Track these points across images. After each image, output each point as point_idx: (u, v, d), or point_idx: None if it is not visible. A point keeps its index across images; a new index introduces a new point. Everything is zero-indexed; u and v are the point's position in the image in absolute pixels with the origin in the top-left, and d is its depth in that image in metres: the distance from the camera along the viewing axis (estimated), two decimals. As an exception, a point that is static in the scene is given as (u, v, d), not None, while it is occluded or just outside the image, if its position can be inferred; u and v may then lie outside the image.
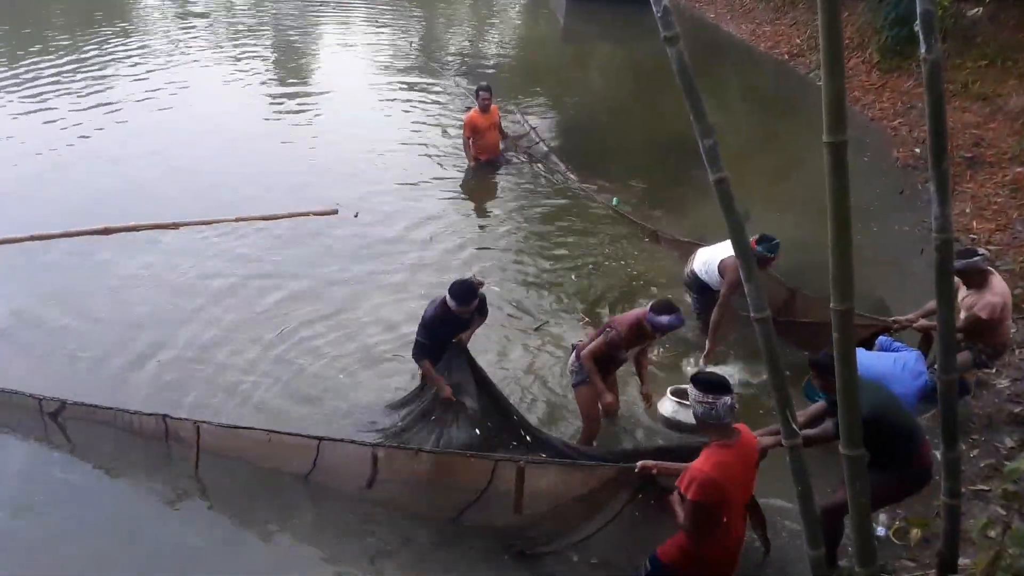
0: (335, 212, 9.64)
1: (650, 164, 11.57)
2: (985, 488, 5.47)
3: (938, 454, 5.68)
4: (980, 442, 5.92)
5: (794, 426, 3.05)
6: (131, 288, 7.99)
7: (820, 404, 4.88)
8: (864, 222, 8.79)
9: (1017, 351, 6.65)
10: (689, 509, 3.89)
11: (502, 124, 11.19)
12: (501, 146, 11.16)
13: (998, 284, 5.86)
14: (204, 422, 5.52)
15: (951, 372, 2.90)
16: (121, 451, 5.78)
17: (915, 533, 4.27)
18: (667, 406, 5.80)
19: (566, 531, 4.86)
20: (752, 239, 6.27)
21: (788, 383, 3.08)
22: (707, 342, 6.85)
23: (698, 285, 7.05)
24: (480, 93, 10.72)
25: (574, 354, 5.79)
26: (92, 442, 5.83)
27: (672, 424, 5.77)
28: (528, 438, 5.61)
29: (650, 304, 5.42)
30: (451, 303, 5.60)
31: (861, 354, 5.60)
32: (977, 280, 5.84)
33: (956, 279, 5.85)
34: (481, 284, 6.04)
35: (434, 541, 5.15)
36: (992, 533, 2.92)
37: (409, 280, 8.31)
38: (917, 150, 10.96)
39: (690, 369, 6.78)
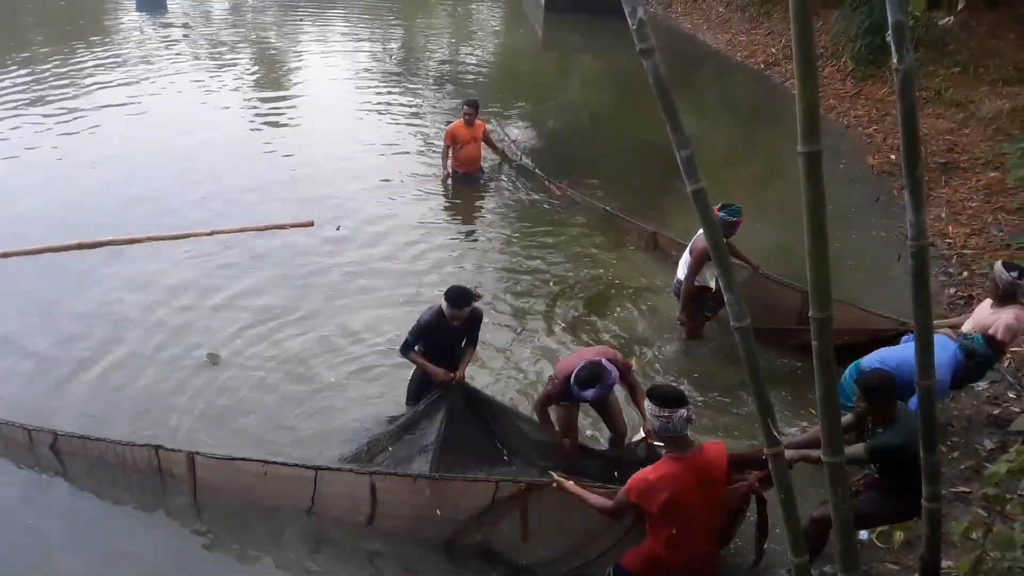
0: (311, 224, 9.61)
1: (633, 173, 11.66)
2: (966, 490, 5.51)
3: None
4: (960, 444, 5.96)
5: (776, 434, 3.06)
6: (101, 304, 7.86)
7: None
8: (842, 229, 8.89)
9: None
10: (621, 498, 4.07)
11: (493, 139, 11.25)
12: (484, 164, 11.16)
13: (1021, 312, 5.66)
14: (198, 453, 5.42)
15: (929, 377, 2.93)
16: (114, 481, 5.68)
17: (898, 536, 4.32)
18: None
19: (568, 554, 4.85)
20: (715, 208, 6.43)
21: (769, 391, 3.09)
22: (678, 317, 7.29)
23: (679, 289, 7.27)
24: (464, 107, 10.73)
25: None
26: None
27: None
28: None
29: (575, 373, 5.15)
30: (445, 307, 5.63)
31: (896, 349, 5.60)
32: (1004, 297, 5.68)
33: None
34: (479, 297, 6.04)
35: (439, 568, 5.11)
36: (974, 535, 2.95)
37: (392, 295, 8.29)
38: (892, 156, 11.10)
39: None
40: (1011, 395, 6.50)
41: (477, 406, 5.86)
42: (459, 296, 5.67)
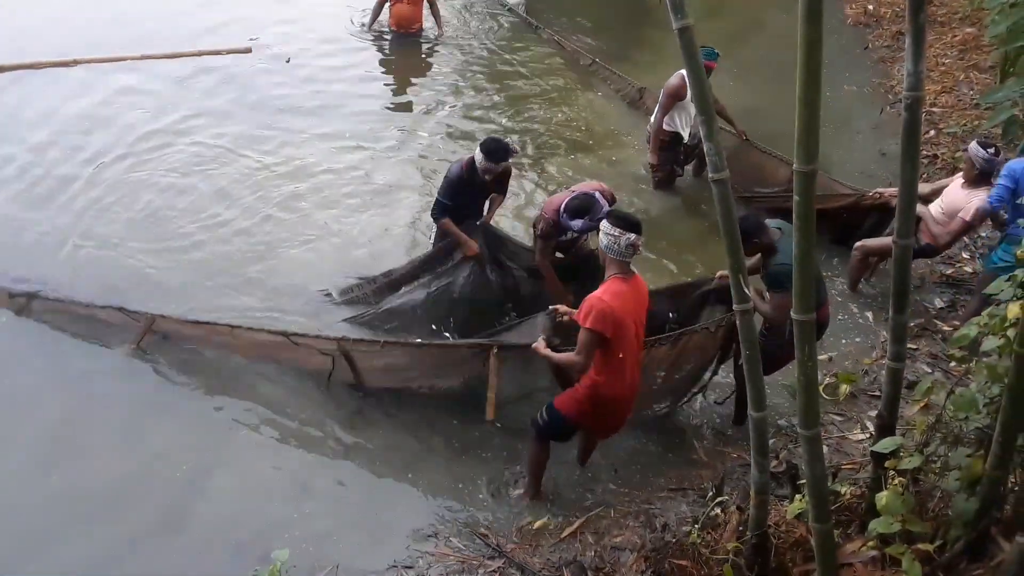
0: (248, 51, 9.19)
1: (604, 19, 11.04)
2: (913, 347, 5.64)
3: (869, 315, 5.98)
4: (911, 302, 6.03)
5: (746, 291, 2.98)
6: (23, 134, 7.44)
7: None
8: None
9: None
10: (585, 339, 4.01)
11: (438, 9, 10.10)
12: (424, 25, 10.00)
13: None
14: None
15: (908, 236, 2.84)
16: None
17: (843, 389, 4.39)
18: None
19: None
20: None
21: (742, 248, 2.98)
22: (649, 156, 7.21)
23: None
24: None
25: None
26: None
27: None
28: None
29: (564, 203, 5.04)
30: (480, 159, 5.31)
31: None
32: (978, 177, 5.60)
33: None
34: (515, 152, 5.74)
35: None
36: (934, 396, 2.96)
37: (347, 129, 7.94)
38: (870, 7, 10.72)
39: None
40: (965, 255, 6.59)
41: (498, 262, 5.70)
42: (497, 148, 5.35)
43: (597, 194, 5.03)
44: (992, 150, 5.57)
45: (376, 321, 5.68)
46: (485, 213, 5.79)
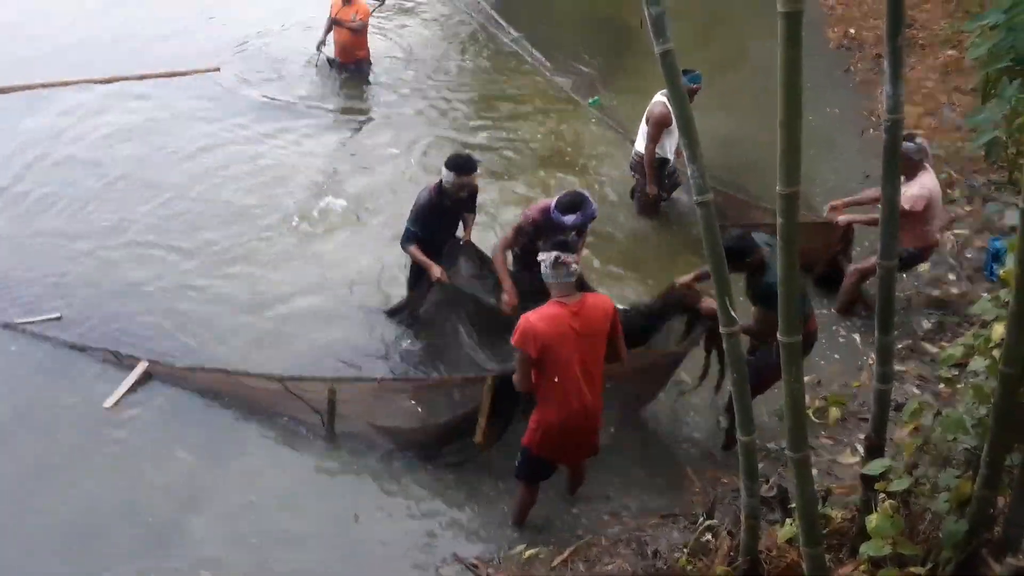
0: (217, 70, 9.35)
1: (591, 44, 11.11)
2: (901, 368, 5.63)
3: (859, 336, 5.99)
4: (898, 324, 6.02)
5: (732, 313, 2.97)
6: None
7: None
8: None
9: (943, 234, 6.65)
10: (516, 359, 4.07)
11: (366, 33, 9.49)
12: (367, 53, 9.57)
13: (928, 180, 5.74)
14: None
15: (892, 257, 2.85)
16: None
17: (833, 412, 4.39)
18: None
19: None
20: None
21: (728, 270, 2.99)
22: (647, 187, 7.09)
23: (638, 163, 7.12)
24: None
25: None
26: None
27: None
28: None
29: (556, 199, 5.07)
30: (449, 177, 5.25)
31: None
32: (907, 170, 5.57)
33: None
34: (479, 162, 5.74)
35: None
36: (922, 418, 2.95)
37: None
38: (852, 31, 10.84)
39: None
40: (951, 277, 6.59)
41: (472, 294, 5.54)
42: (465, 162, 5.32)
43: (585, 192, 5.07)
44: (916, 141, 5.71)
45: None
46: (464, 232, 5.74)
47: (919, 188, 5.67)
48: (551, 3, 12.43)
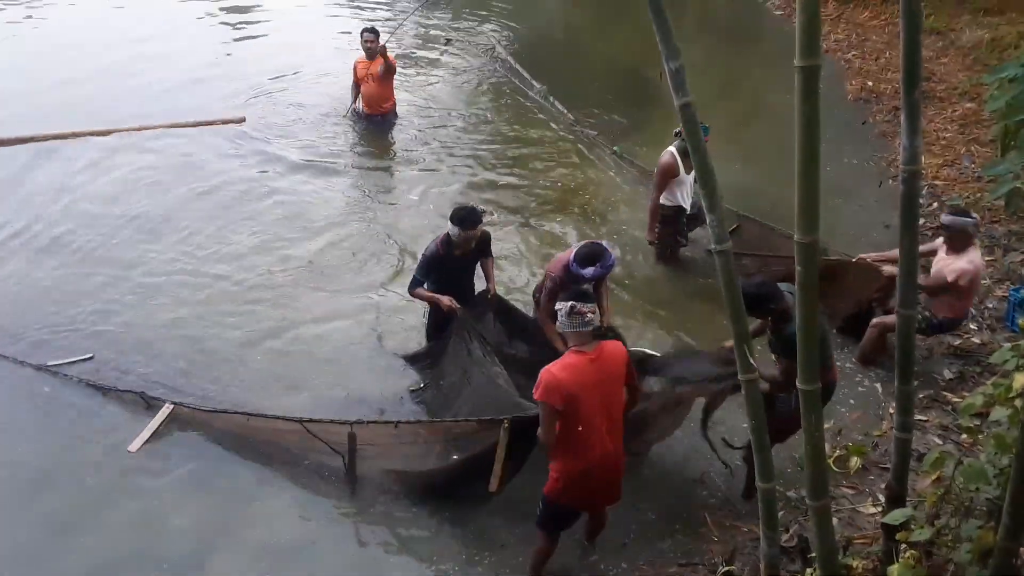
0: (242, 120, 9.67)
1: (620, 97, 11.29)
2: (923, 418, 5.60)
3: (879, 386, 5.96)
4: (919, 374, 6.01)
5: (750, 361, 3.00)
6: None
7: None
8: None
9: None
10: (540, 412, 4.01)
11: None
12: (392, 104, 9.85)
13: (977, 256, 5.82)
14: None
15: (911, 307, 2.87)
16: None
17: (854, 461, 4.35)
18: None
19: None
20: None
21: (747, 319, 3.02)
22: (647, 234, 7.26)
23: None
24: (364, 35, 9.38)
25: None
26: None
27: None
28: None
29: (574, 251, 5.12)
30: (455, 232, 5.35)
31: None
32: (958, 243, 5.76)
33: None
34: (484, 212, 5.80)
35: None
36: (944, 468, 2.94)
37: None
38: (869, 83, 10.96)
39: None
40: (972, 327, 6.57)
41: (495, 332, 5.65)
42: (468, 216, 5.38)
43: (604, 242, 5.10)
44: (972, 216, 5.75)
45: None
46: (487, 281, 5.78)
47: (967, 263, 5.72)
48: (575, 57, 12.66)
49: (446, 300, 5.44)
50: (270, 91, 10.69)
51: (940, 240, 6.01)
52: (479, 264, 5.79)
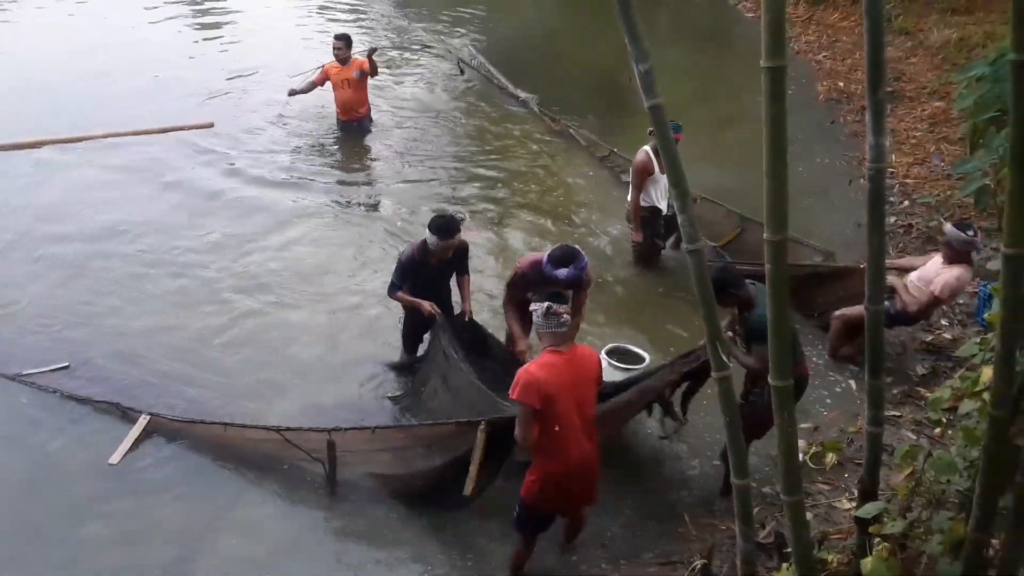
0: (211, 125, 9.62)
1: (590, 101, 11.33)
2: (897, 414, 5.67)
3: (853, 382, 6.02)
4: (893, 370, 6.10)
5: (724, 359, 3.02)
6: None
7: None
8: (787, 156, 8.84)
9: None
10: (518, 412, 4.02)
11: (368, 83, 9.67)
12: (368, 109, 9.81)
13: (966, 274, 5.87)
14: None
15: (879, 302, 2.91)
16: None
17: (830, 458, 4.40)
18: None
19: None
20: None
21: (719, 317, 3.04)
22: (632, 235, 7.31)
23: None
24: (334, 42, 9.39)
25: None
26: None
27: None
28: None
29: (548, 252, 5.13)
30: (432, 240, 5.34)
31: None
32: (951, 255, 5.82)
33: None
34: (462, 220, 5.80)
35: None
36: (914, 461, 2.98)
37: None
38: (840, 84, 11.08)
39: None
40: (944, 323, 6.66)
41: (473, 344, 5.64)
42: (446, 225, 5.38)
43: (576, 247, 5.12)
44: (971, 232, 5.77)
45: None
46: (461, 301, 5.78)
47: (955, 280, 5.80)
48: (554, 63, 12.66)
49: (427, 305, 5.46)
50: (239, 94, 10.67)
51: (938, 256, 6.04)
52: (455, 280, 5.79)
